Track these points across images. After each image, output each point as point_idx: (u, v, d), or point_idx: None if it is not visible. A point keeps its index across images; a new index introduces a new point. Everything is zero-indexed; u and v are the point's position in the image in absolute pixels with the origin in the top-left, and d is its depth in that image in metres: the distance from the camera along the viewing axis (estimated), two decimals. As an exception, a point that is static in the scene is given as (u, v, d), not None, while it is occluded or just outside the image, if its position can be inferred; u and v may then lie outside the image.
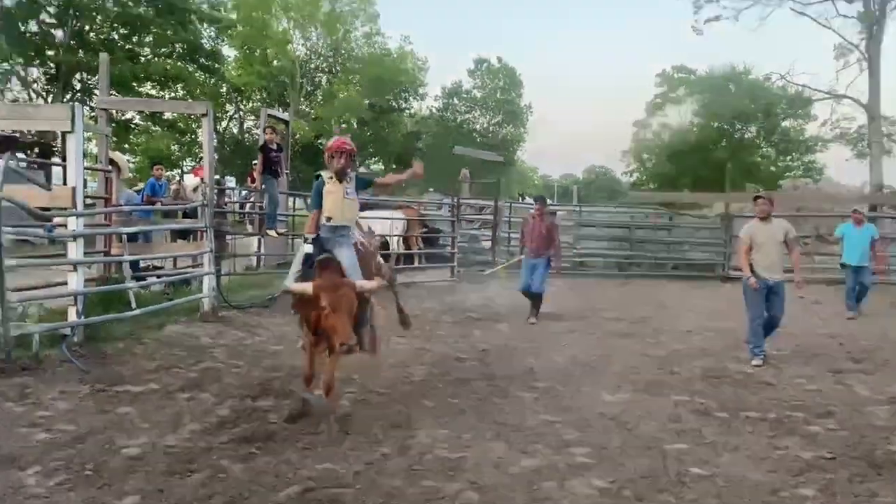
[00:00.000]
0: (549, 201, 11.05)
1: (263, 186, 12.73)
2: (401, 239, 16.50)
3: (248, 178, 14.44)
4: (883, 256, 15.27)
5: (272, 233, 12.65)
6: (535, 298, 10.62)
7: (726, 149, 37.59)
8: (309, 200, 7.50)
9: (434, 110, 46.83)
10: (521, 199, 28.10)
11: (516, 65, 50.16)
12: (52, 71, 29.90)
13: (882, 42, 25.76)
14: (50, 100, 28.35)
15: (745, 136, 39.48)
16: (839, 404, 6.26)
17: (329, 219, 5.67)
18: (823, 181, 39.03)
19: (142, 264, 11.09)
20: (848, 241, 11.67)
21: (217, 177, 12.30)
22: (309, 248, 5.82)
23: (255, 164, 13.57)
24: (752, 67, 37.91)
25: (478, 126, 47.51)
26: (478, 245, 18.57)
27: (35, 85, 30.78)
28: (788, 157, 39.96)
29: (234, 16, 35.79)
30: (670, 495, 4.18)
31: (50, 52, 29.75)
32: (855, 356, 8.49)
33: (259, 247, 13.73)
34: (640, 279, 17.86)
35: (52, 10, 29.47)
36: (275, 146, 13.04)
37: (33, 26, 29.56)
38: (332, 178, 5.74)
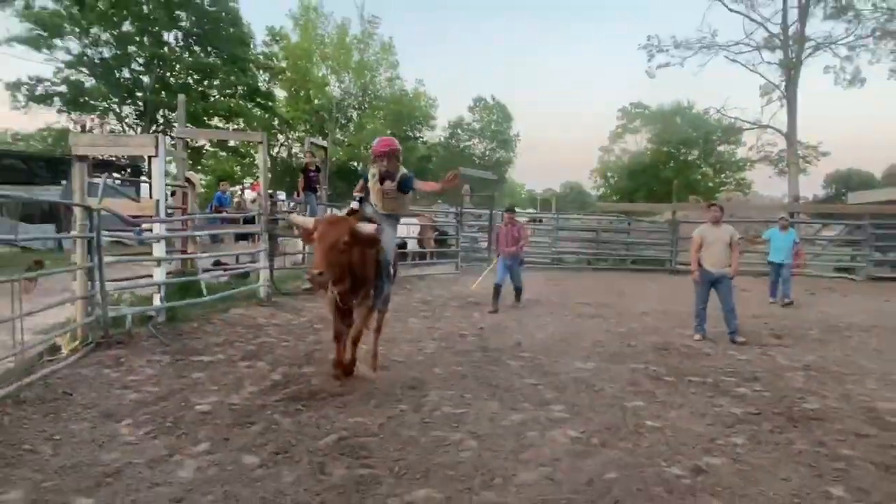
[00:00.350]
0: (517, 209, 10.86)
1: (305, 200, 12.83)
2: (416, 240, 16.86)
3: (296, 193, 14.45)
4: (802, 255, 15.21)
5: None
6: (518, 293, 10.45)
7: (673, 169, 37.54)
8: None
9: (442, 138, 46.75)
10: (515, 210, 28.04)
11: (507, 100, 50.70)
12: (141, 108, 29.93)
13: (798, 83, 25.78)
14: (139, 131, 28.38)
15: (689, 158, 39.44)
16: (763, 371, 6.25)
17: (375, 205, 5.36)
18: (751, 194, 39.09)
19: (212, 261, 11.13)
20: (774, 243, 11.57)
21: (270, 191, 12.28)
22: (356, 205, 5.35)
23: (300, 181, 13.66)
24: (694, 103, 38.01)
25: (476, 151, 47.46)
26: (476, 245, 18.64)
27: (127, 119, 30.83)
28: (723, 175, 39.99)
29: (283, 64, 35.81)
30: (629, 443, 4.18)
31: (139, 94, 29.80)
32: (776, 333, 8.47)
33: (304, 247, 13.75)
34: (605, 272, 17.84)
35: (140, 60, 29.55)
36: (314, 168, 13.10)
37: (126, 73, 29.68)
38: (374, 175, 5.31)
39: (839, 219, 20.04)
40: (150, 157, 8.08)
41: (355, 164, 37.58)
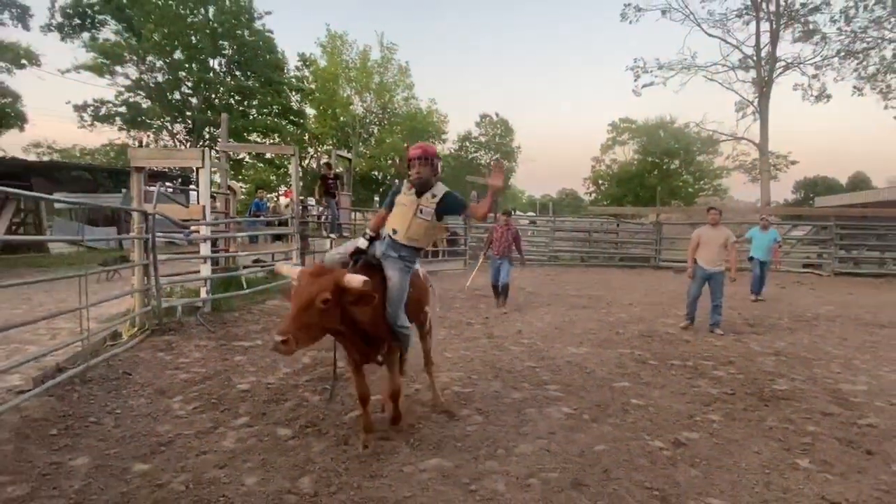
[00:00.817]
0: (513, 213, 10.22)
1: (326, 204, 12.96)
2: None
3: (315, 199, 14.54)
4: (779, 253, 15.00)
5: (333, 236, 12.71)
6: (504, 289, 9.41)
7: (657, 176, 37.22)
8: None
9: (452, 150, 46.62)
10: (513, 212, 27.96)
11: (509, 115, 50.41)
12: (190, 126, 30.08)
13: (770, 98, 25.50)
14: (188, 146, 28.56)
15: (671, 167, 39.11)
16: (738, 356, 6.17)
17: (394, 231, 3.62)
18: (727, 199, 38.69)
19: (252, 258, 11.22)
20: (755, 241, 11.17)
21: (301, 198, 12.33)
22: (364, 244, 3.66)
23: (315, 187, 13.89)
24: (676, 118, 37.67)
25: (483, 161, 47.16)
26: (482, 245, 18.56)
27: (178, 136, 31.05)
28: (702, 182, 39.61)
29: (313, 86, 35.88)
30: (617, 419, 4.16)
31: (188, 113, 30.02)
32: (750, 322, 8.37)
33: (330, 246, 13.80)
34: (596, 268, 17.73)
35: (189, 83, 29.78)
36: (331, 176, 13.18)
37: (177, 95, 29.93)
38: (410, 188, 3.63)
39: (807, 220, 19.76)
40: (197, 169, 8.13)
41: (376, 173, 37.65)
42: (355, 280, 3.03)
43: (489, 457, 3.46)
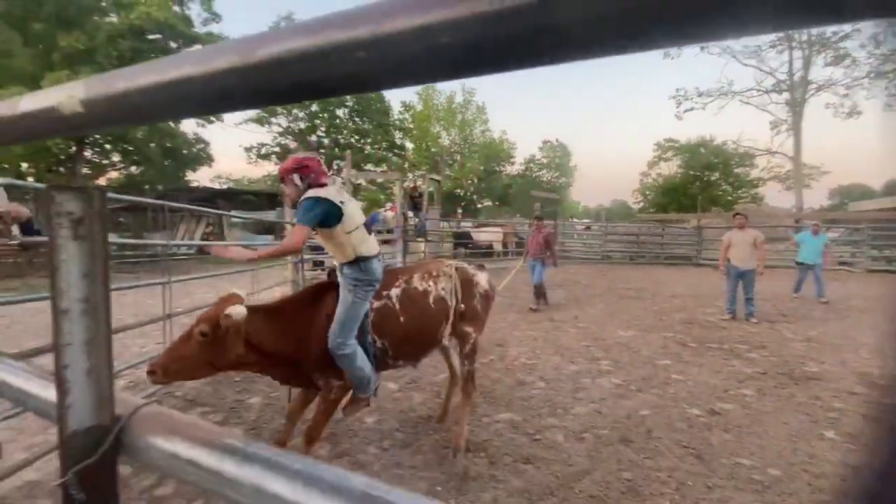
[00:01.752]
0: (544, 219, 8.81)
1: (415, 215, 13.27)
2: (501, 242, 16.81)
3: (411, 211, 14.54)
4: (829, 256, 13.11)
5: (420, 240, 13.04)
6: (539, 289, 8.16)
7: (698, 187, 34.50)
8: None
9: (520, 170, 46.00)
10: (570, 219, 27.20)
11: (568, 139, 49.04)
12: (323, 160, 32.16)
13: (803, 117, 22.86)
14: (321, 174, 30.41)
15: (711, 178, 36.09)
16: (771, 342, 5.65)
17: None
18: (763, 205, 35.09)
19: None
20: (805, 245, 9.36)
21: (402, 212, 12.79)
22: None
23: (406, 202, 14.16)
24: (715, 137, 34.82)
25: (545, 179, 46.04)
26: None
27: (314, 168, 33.30)
28: (740, 190, 36.21)
29: (411, 125, 37.06)
30: (659, 390, 3.98)
31: (322, 151, 32.12)
32: (784, 313, 7.60)
33: (424, 247, 14.23)
34: (644, 266, 16.77)
35: (323, 128, 31.90)
36: (417, 194, 13.53)
37: (313, 137, 32.13)
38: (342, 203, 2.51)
39: (842, 223, 17.50)
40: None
41: (459, 191, 38.06)
42: (235, 312, 2.06)
43: (550, 414, 3.46)
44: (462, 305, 2.85)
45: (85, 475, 0.54)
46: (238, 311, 2.09)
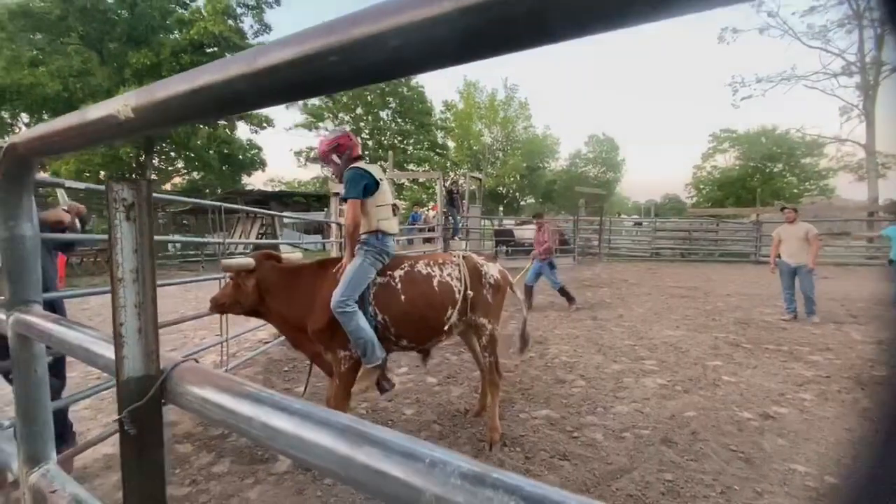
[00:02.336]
0: (544, 216, 8.20)
1: (449, 212, 13.13)
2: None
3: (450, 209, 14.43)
4: None
5: (457, 238, 13.04)
6: (563, 292, 7.48)
7: (759, 180, 32.31)
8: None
9: (564, 166, 45.03)
10: (617, 215, 26.35)
11: (615, 133, 47.33)
12: (367, 161, 33.10)
13: (876, 100, 20.85)
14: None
15: (774, 170, 33.65)
16: (836, 344, 5.23)
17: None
18: (834, 198, 32.27)
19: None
20: None
21: (444, 210, 12.89)
22: None
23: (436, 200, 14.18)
24: (777, 126, 32.42)
25: (591, 174, 44.76)
26: (589, 244, 17.74)
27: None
28: (808, 182, 33.50)
29: (453, 124, 37.23)
30: (707, 391, 3.81)
31: (366, 153, 33.00)
32: (853, 313, 7.01)
33: (465, 245, 14.28)
34: (696, 263, 15.95)
35: (367, 130, 32.83)
36: (455, 191, 13.49)
37: (358, 139, 33.12)
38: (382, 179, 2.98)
39: (924, 216, 15.82)
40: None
41: (501, 188, 37.83)
42: (233, 262, 2.60)
43: (589, 412, 3.40)
44: (471, 292, 2.82)
45: (136, 415, 0.67)
46: (236, 262, 2.59)
